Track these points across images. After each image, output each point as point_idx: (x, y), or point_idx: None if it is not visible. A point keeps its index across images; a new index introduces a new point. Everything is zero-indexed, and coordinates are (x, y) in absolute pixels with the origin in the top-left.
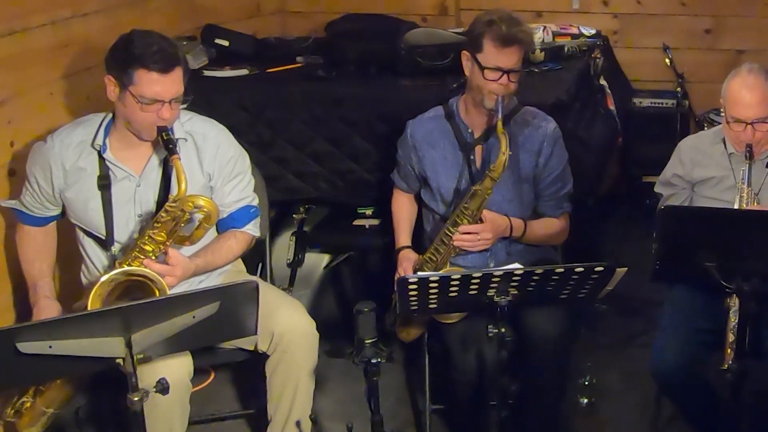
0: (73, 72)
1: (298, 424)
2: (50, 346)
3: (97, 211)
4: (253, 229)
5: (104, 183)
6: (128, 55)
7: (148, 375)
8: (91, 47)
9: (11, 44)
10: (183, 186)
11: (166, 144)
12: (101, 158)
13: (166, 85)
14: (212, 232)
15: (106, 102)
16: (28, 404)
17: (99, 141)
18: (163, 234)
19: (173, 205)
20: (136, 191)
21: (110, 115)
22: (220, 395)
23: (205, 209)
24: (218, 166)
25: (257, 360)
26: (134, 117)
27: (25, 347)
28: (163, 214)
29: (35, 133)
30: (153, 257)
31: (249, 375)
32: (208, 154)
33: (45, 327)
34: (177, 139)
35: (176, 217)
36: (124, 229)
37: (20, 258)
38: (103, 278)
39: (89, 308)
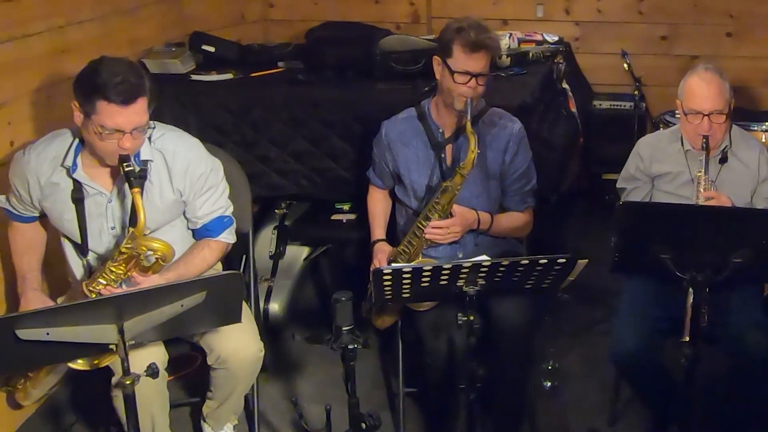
0: (69, 77)
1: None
2: (47, 333)
3: (72, 222)
4: (227, 237)
5: (78, 197)
6: (92, 85)
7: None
8: (85, 53)
9: (10, 50)
10: (141, 219)
11: (126, 175)
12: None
13: (128, 116)
14: (189, 241)
15: None
16: (23, 381)
17: (68, 162)
18: (122, 267)
19: (129, 246)
20: (107, 207)
21: (78, 138)
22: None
23: (159, 252)
24: (189, 183)
25: None
26: (96, 145)
27: (24, 334)
28: (123, 250)
29: (34, 134)
30: (114, 285)
31: None
32: (177, 172)
33: (43, 315)
34: (145, 161)
35: (132, 256)
36: (98, 241)
37: (12, 251)
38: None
39: None
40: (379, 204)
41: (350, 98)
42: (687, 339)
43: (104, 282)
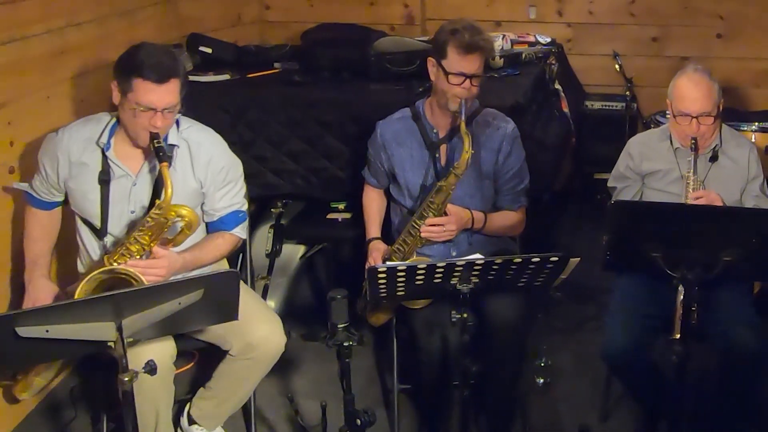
0: (68, 77)
1: None
2: (47, 331)
3: (95, 203)
4: (240, 231)
5: (104, 179)
6: (130, 65)
7: (134, 358)
8: (84, 54)
9: (10, 51)
10: (169, 192)
11: (156, 151)
12: (104, 156)
13: (160, 94)
14: (202, 232)
15: (99, 106)
16: (22, 373)
17: (104, 140)
18: (147, 237)
19: (158, 212)
20: (131, 189)
21: (116, 117)
22: (203, 375)
23: (187, 219)
24: (210, 175)
25: None
26: (129, 122)
27: (24, 331)
28: (149, 220)
29: (33, 134)
30: (138, 256)
31: None
32: (200, 162)
33: (42, 312)
34: (172, 146)
35: (160, 224)
36: (117, 223)
37: (25, 236)
38: (89, 276)
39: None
40: (374, 203)
41: (345, 99)
42: (677, 337)
43: (127, 254)
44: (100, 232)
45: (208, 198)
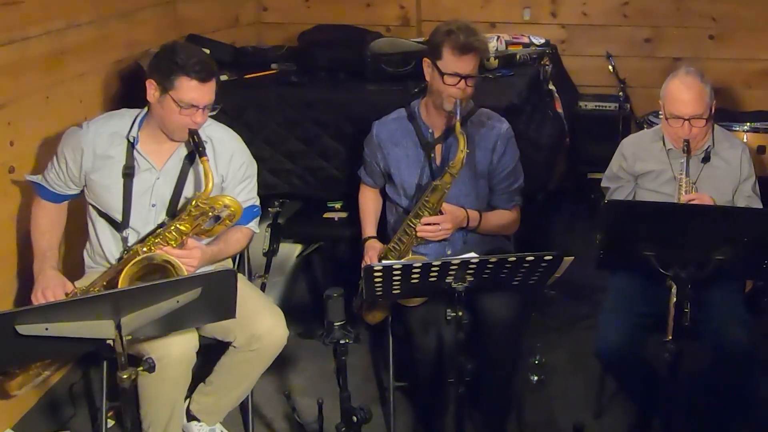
0: (67, 78)
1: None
2: (46, 329)
3: (117, 196)
4: (254, 226)
5: (128, 172)
6: (172, 64)
7: (157, 348)
8: (84, 55)
9: (11, 52)
10: (210, 184)
11: (196, 145)
12: (130, 149)
13: (203, 92)
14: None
15: (97, 106)
16: (19, 370)
17: (133, 133)
18: (188, 225)
19: (204, 202)
20: (155, 183)
21: (144, 111)
22: (200, 373)
23: (232, 208)
24: (231, 170)
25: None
26: (170, 118)
27: (24, 329)
28: (193, 209)
29: (33, 134)
30: (173, 245)
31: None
32: (223, 158)
33: (42, 310)
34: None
35: (204, 212)
36: (138, 216)
37: (33, 229)
38: (133, 261)
39: (119, 286)
40: (370, 202)
41: (342, 99)
42: (670, 338)
43: (162, 243)
44: (120, 226)
45: (227, 192)
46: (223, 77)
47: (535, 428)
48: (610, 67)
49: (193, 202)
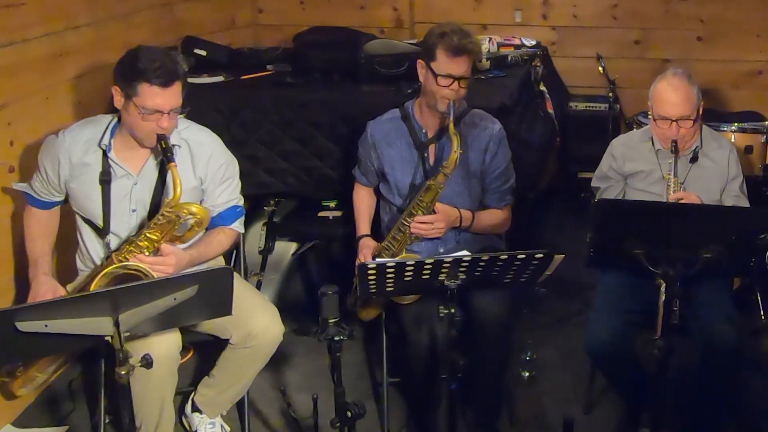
0: (67, 79)
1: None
2: (46, 325)
3: (97, 203)
4: (239, 226)
5: (105, 179)
6: (133, 70)
7: (141, 348)
8: (82, 57)
9: (11, 54)
10: (178, 191)
11: (164, 151)
12: (105, 156)
13: (166, 97)
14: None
15: (96, 107)
16: (21, 367)
17: (105, 141)
18: (157, 233)
19: (170, 210)
20: (132, 189)
21: (116, 118)
22: (198, 369)
23: (198, 216)
24: (210, 172)
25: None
26: (136, 125)
27: (23, 326)
28: (160, 217)
29: (33, 134)
30: (146, 253)
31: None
32: (201, 161)
33: (41, 308)
34: (173, 146)
35: (171, 221)
36: (119, 222)
37: (25, 236)
38: (103, 271)
39: None
40: (364, 201)
41: (336, 100)
42: (658, 336)
43: (136, 250)
44: (102, 231)
45: (208, 194)
46: (220, 78)
47: (525, 423)
48: (600, 69)
49: (161, 211)
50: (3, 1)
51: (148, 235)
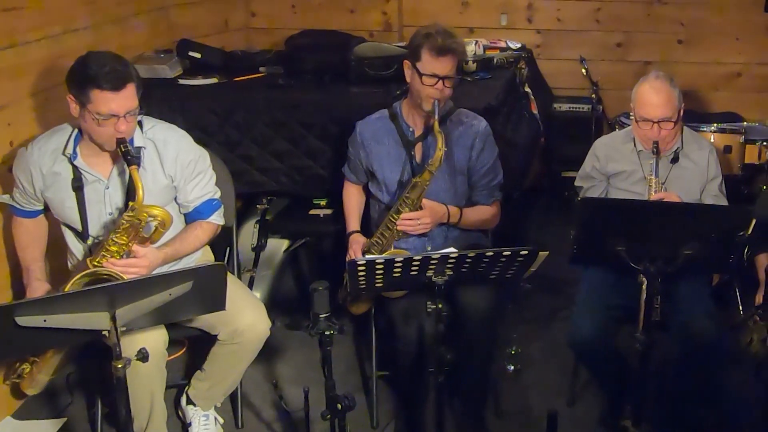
0: (65, 81)
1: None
2: (44, 320)
3: (73, 209)
4: (217, 218)
5: (77, 185)
6: (84, 77)
7: (129, 345)
8: None
9: (11, 56)
10: (140, 194)
11: (124, 155)
12: (72, 164)
13: (119, 101)
14: (180, 223)
15: None
16: (27, 369)
17: (69, 150)
18: (124, 237)
19: (131, 214)
20: (105, 193)
21: (77, 128)
22: (191, 363)
23: (159, 218)
24: (179, 169)
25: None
26: (94, 131)
27: (23, 321)
28: (123, 222)
29: (32, 134)
30: (117, 257)
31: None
32: (168, 159)
33: (40, 303)
34: (138, 148)
35: (134, 225)
36: (97, 225)
37: (16, 245)
38: (74, 279)
39: None
40: (353, 198)
41: (327, 101)
42: (640, 332)
43: (108, 255)
44: (82, 235)
45: (180, 191)
46: (214, 80)
47: (511, 415)
48: (584, 71)
49: (123, 216)
50: (3, 4)
51: (115, 239)
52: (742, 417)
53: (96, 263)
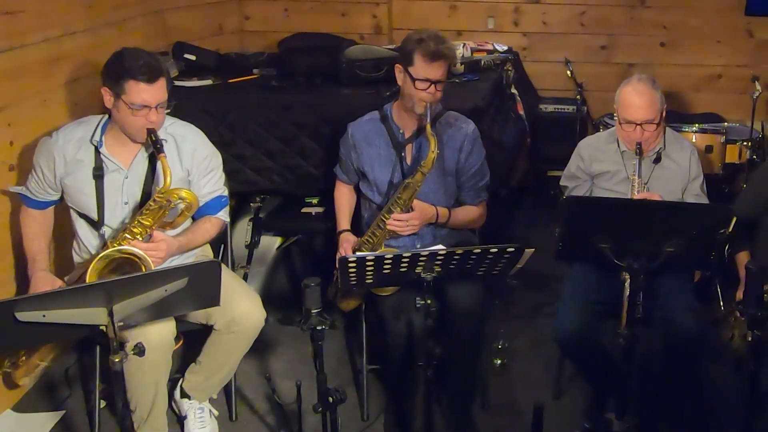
0: (63, 82)
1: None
2: (44, 315)
3: (91, 197)
4: (224, 215)
5: (98, 173)
6: (120, 69)
7: (138, 335)
8: (79, 61)
9: (10, 58)
10: (168, 179)
11: (154, 144)
12: (97, 152)
13: (152, 93)
14: (189, 219)
15: (92, 108)
16: (23, 358)
17: (96, 137)
18: (150, 219)
19: (161, 195)
20: (124, 182)
21: (106, 116)
22: (185, 357)
23: (187, 200)
24: (195, 164)
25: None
26: (127, 121)
27: (23, 316)
28: (152, 203)
29: (31, 135)
30: (140, 238)
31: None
32: (186, 153)
33: (39, 298)
34: (162, 140)
35: (162, 206)
36: (112, 214)
37: (22, 235)
38: (100, 254)
39: (87, 280)
40: (344, 197)
41: (319, 102)
42: (622, 329)
43: (130, 237)
44: (97, 224)
45: (194, 185)
46: (209, 81)
47: (498, 408)
48: (569, 73)
49: (152, 197)
50: (3, 8)
51: (141, 221)
52: (723, 410)
53: (116, 244)
